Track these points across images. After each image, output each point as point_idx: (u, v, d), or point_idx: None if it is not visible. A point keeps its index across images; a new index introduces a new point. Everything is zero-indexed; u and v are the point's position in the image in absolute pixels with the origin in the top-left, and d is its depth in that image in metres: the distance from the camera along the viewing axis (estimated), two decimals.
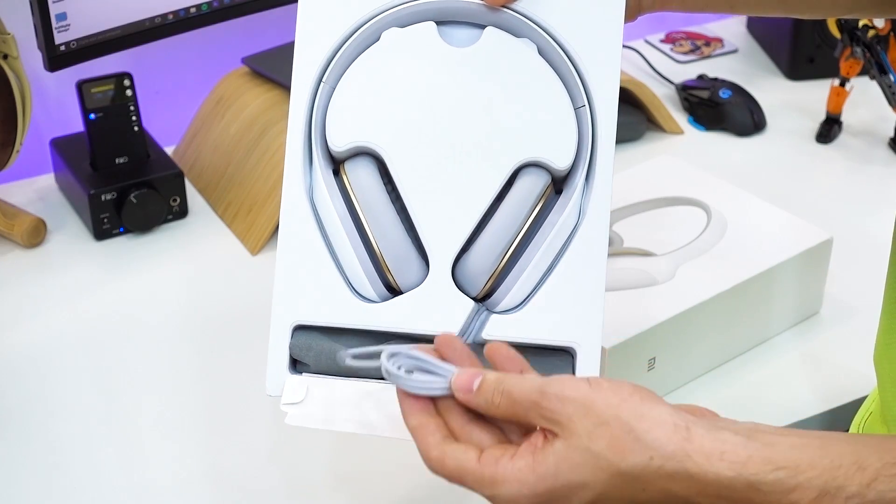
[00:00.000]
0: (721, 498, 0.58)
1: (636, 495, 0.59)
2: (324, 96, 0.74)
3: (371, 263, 0.72)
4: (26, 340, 1.08)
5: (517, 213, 0.72)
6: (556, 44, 0.75)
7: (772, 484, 0.57)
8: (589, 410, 0.59)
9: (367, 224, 0.72)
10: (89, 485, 0.92)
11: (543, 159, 0.73)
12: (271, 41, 1.37)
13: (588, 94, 0.74)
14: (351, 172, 0.73)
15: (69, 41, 1.15)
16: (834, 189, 1.31)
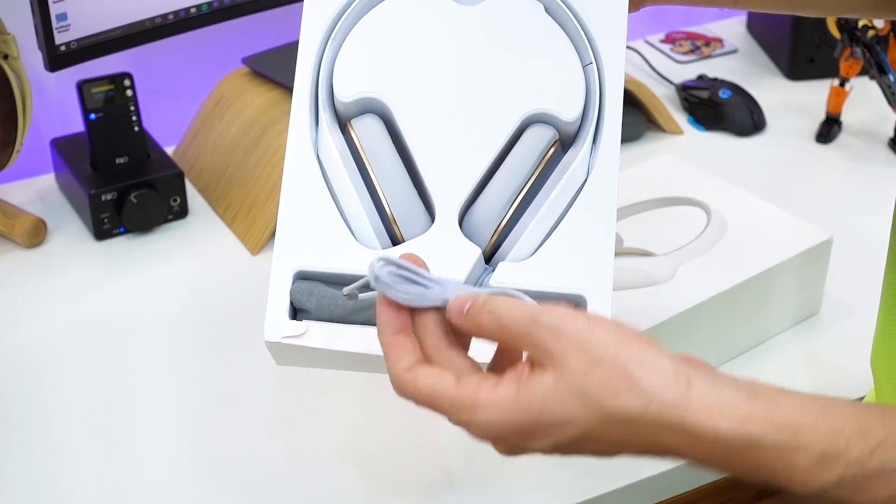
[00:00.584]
0: (715, 454, 0.55)
1: (624, 442, 0.56)
2: (331, 53, 0.74)
3: (377, 214, 0.71)
4: (26, 340, 1.08)
5: (523, 164, 0.71)
6: (562, 2, 0.75)
7: (772, 444, 0.54)
8: (585, 348, 0.56)
9: (373, 175, 0.71)
10: (89, 484, 0.92)
11: (550, 111, 0.73)
12: (271, 41, 1.37)
13: (595, 52, 0.74)
14: (358, 128, 0.72)
15: (69, 41, 1.15)
16: (834, 189, 1.31)
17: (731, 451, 0.55)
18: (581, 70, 0.74)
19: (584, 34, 0.75)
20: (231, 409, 1.00)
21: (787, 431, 0.55)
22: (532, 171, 0.71)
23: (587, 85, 0.74)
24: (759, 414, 0.55)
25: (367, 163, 0.71)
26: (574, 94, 0.73)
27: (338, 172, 0.71)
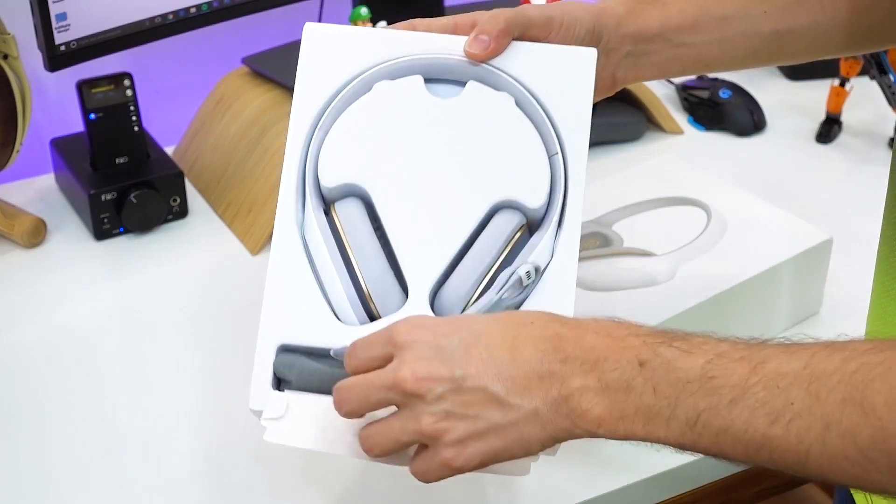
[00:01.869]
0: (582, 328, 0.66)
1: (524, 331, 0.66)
2: (318, 141, 0.80)
3: (355, 292, 0.77)
4: (26, 340, 1.08)
5: (492, 247, 0.77)
6: (531, 97, 0.80)
7: (627, 321, 0.66)
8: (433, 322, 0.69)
9: (353, 257, 0.77)
10: (89, 484, 0.92)
11: (517, 199, 0.78)
12: (271, 41, 1.37)
13: (560, 143, 0.79)
14: (340, 210, 0.79)
15: (69, 41, 1.15)
16: (834, 189, 1.31)
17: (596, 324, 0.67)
18: (547, 160, 0.79)
19: (551, 126, 0.80)
20: (230, 409, 1.00)
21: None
22: (500, 254, 0.77)
23: (552, 174, 0.79)
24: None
25: (347, 244, 0.78)
26: (540, 183, 0.79)
27: (320, 253, 0.77)
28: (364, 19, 1.21)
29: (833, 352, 0.61)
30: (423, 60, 0.81)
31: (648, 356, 0.64)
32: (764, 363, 0.62)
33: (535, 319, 0.67)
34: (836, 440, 0.59)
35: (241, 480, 0.92)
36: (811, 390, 0.60)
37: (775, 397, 0.60)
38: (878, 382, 0.58)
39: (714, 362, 0.62)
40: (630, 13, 0.83)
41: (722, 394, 0.61)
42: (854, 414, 0.58)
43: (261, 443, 0.95)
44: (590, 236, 1.09)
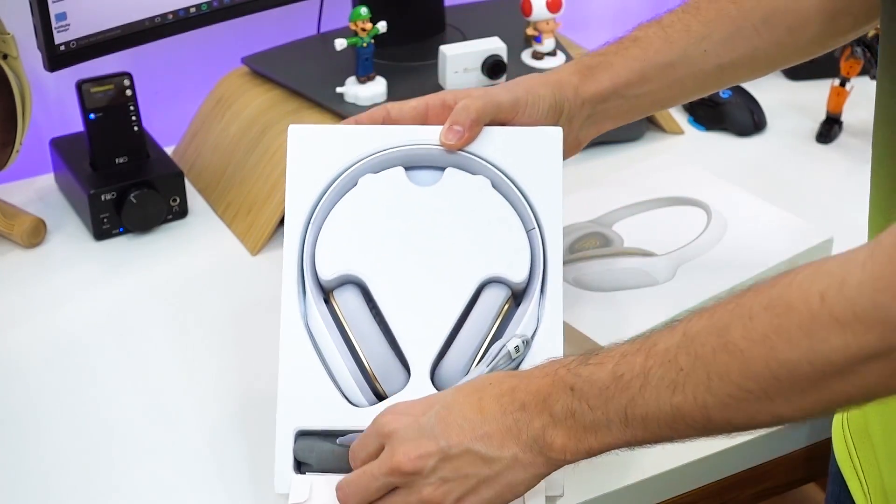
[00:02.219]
0: (529, 375, 0.75)
1: (478, 395, 0.75)
2: (312, 235, 0.87)
3: (361, 375, 0.84)
4: (26, 340, 1.08)
5: (483, 322, 0.85)
6: (506, 178, 0.87)
7: (550, 361, 0.76)
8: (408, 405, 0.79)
9: (356, 342, 0.85)
10: (88, 484, 0.92)
11: (502, 275, 0.86)
12: (271, 41, 1.37)
13: (537, 219, 0.87)
14: (339, 299, 0.86)
15: (69, 41, 1.14)
16: (834, 189, 1.31)
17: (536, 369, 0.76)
18: (525, 235, 0.87)
19: (527, 203, 0.87)
20: (230, 408, 1.00)
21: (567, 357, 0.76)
22: (491, 326, 0.85)
23: (532, 248, 0.86)
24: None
25: (349, 330, 0.85)
26: (521, 258, 0.86)
27: (325, 339, 0.85)
28: (364, 19, 1.21)
29: (702, 314, 0.68)
30: (403, 151, 0.88)
31: (573, 380, 0.72)
32: (654, 345, 0.70)
33: (493, 379, 0.76)
34: (718, 385, 0.66)
35: (240, 481, 0.92)
36: (691, 352, 0.67)
37: (669, 370, 0.68)
38: (735, 321, 0.66)
39: (619, 363, 0.71)
40: (582, 81, 0.90)
41: (632, 385, 0.70)
42: (723, 356, 0.66)
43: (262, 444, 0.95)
44: (590, 236, 1.09)
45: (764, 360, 0.64)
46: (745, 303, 0.66)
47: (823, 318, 0.62)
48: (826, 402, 0.65)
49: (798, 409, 0.66)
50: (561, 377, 0.73)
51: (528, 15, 1.30)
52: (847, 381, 0.63)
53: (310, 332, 0.86)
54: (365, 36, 1.21)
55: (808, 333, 0.62)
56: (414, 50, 1.33)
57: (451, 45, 1.26)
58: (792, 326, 0.63)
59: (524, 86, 0.89)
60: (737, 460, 0.98)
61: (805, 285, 0.63)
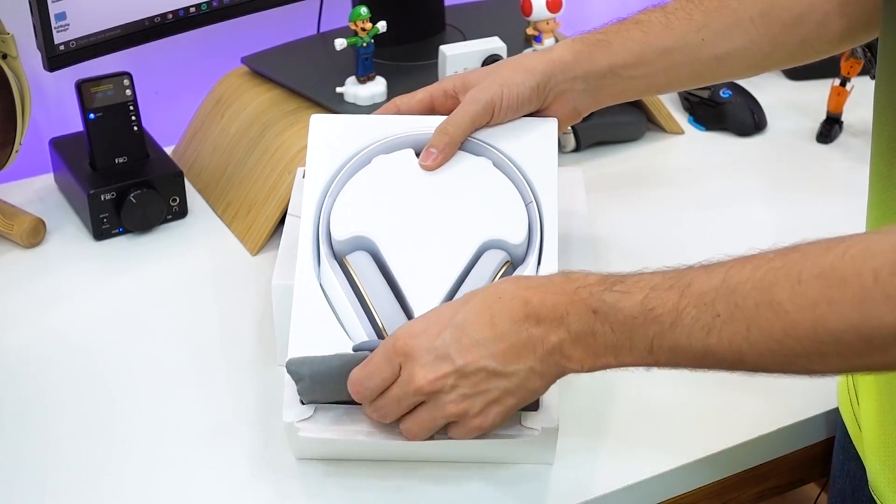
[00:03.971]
0: (543, 288, 0.77)
1: (493, 304, 0.78)
2: (328, 206, 0.94)
3: (372, 328, 0.89)
4: (26, 340, 1.08)
5: (481, 279, 0.90)
6: (506, 158, 0.95)
7: (576, 273, 0.78)
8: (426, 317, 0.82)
9: (367, 297, 0.90)
10: (88, 485, 0.92)
11: (501, 237, 0.92)
12: (271, 41, 1.37)
13: (534, 193, 0.94)
14: (352, 261, 0.92)
15: (68, 41, 1.14)
16: (834, 189, 1.31)
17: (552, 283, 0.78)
18: (524, 206, 0.94)
19: (525, 181, 0.94)
20: (230, 408, 1.00)
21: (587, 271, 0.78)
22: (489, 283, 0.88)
23: (529, 218, 0.93)
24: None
25: (362, 288, 0.90)
26: (519, 223, 0.93)
27: (338, 296, 0.90)
28: (364, 19, 1.21)
29: (744, 264, 0.71)
30: (412, 137, 0.97)
31: (597, 304, 0.75)
32: (689, 286, 0.72)
33: (502, 293, 0.79)
34: (758, 337, 0.69)
35: (241, 480, 0.92)
36: (730, 300, 0.70)
37: (704, 313, 0.71)
38: (782, 282, 0.68)
39: (650, 296, 0.73)
40: (577, 59, 0.95)
41: (663, 320, 0.72)
42: (767, 313, 0.68)
43: (261, 443, 0.95)
44: None
45: (811, 325, 0.67)
46: (793, 265, 0.68)
47: (876, 296, 0.65)
48: (864, 368, 0.70)
49: (834, 369, 0.70)
50: (582, 298, 0.75)
51: (528, 15, 1.30)
52: (889, 354, 0.66)
53: (323, 290, 0.91)
54: (365, 36, 1.21)
55: (860, 308, 0.65)
56: (414, 50, 1.33)
57: (451, 45, 1.26)
58: (844, 299, 0.66)
59: (501, 79, 0.95)
60: (737, 460, 0.98)
61: (858, 261, 0.66)
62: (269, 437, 0.96)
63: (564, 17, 1.32)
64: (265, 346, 1.07)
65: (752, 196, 1.29)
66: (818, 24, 0.95)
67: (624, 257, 1.15)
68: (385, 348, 0.81)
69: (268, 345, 1.07)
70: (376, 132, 0.97)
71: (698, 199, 1.29)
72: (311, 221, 0.94)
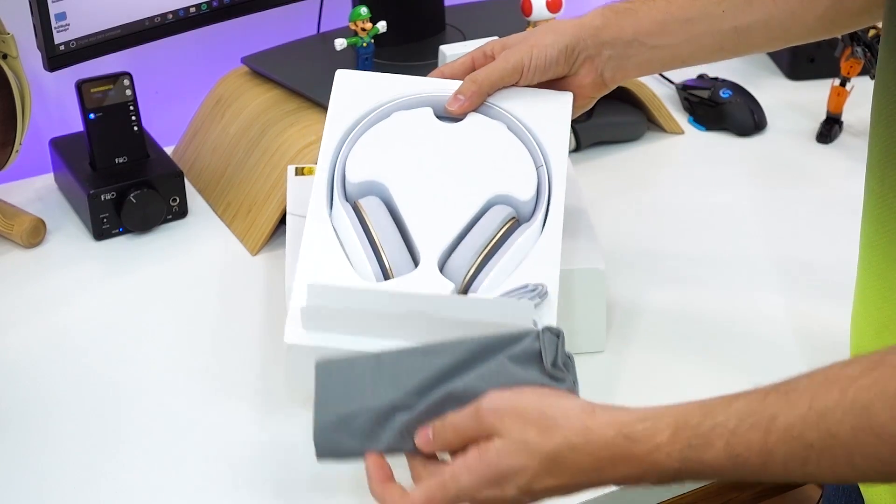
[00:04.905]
0: (613, 457, 0.71)
1: (561, 474, 0.73)
2: (344, 154, 0.97)
3: (379, 267, 0.91)
4: (25, 340, 1.08)
5: (487, 228, 0.92)
6: (520, 124, 0.97)
7: (641, 432, 0.71)
8: (518, 413, 0.74)
9: (377, 238, 0.92)
10: (88, 485, 0.92)
11: (510, 192, 0.94)
12: (271, 41, 1.37)
13: (545, 158, 0.96)
14: (365, 204, 0.94)
15: (69, 41, 1.14)
16: (834, 189, 1.31)
17: (618, 448, 0.71)
18: (534, 168, 0.96)
19: (536, 144, 0.97)
20: (230, 408, 1.00)
21: (651, 420, 0.71)
22: (494, 234, 0.92)
23: (539, 179, 0.95)
24: (633, 416, 0.72)
25: (373, 229, 0.92)
26: (528, 181, 0.95)
27: (348, 235, 0.92)
28: (364, 19, 1.21)
29: (829, 388, 0.66)
30: (431, 97, 0.99)
31: (678, 465, 0.70)
32: (773, 420, 0.67)
33: (567, 461, 0.73)
34: (862, 463, 0.65)
35: (241, 480, 0.92)
36: (822, 429, 0.66)
37: (795, 447, 0.67)
38: (877, 403, 0.64)
39: (732, 442, 0.68)
40: (606, 24, 0.97)
41: (752, 462, 0.68)
42: (868, 438, 0.64)
43: (263, 442, 0.95)
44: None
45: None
46: (885, 382, 0.65)
47: None
48: None
49: None
50: (659, 462, 0.70)
51: (528, 15, 1.30)
52: None
53: (334, 229, 0.93)
54: (365, 36, 1.21)
55: None
56: (414, 50, 1.33)
57: (451, 45, 1.25)
58: None
59: (532, 41, 0.97)
60: None
61: None
62: (269, 436, 0.96)
63: (564, 16, 1.31)
64: (266, 345, 1.07)
65: (752, 196, 1.29)
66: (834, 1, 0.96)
67: (624, 258, 1.15)
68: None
69: (268, 344, 1.07)
70: (398, 90, 0.99)
71: (698, 198, 1.29)
72: (328, 166, 0.96)
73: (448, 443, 0.77)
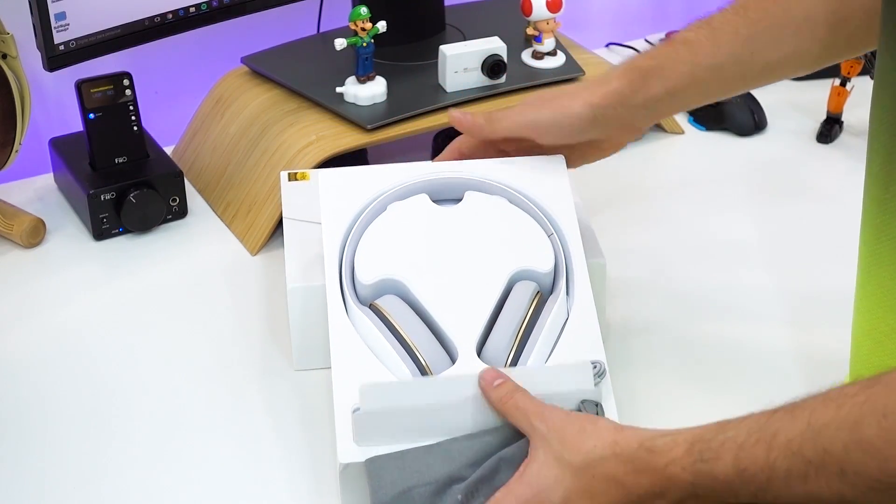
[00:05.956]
0: (636, 469, 0.75)
1: (591, 485, 0.76)
2: (350, 255, 0.94)
3: (414, 365, 0.88)
4: (25, 340, 1.08)
5: (518, 308, 0.90)
6: (521, 196, 0.96)
7: (660, 446, 0.74)
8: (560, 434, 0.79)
9: (407, 337, 0.89)
10: (88, 485, 0.92)
11: (530, 266, 0.93)
12: (271, 41, 1.36)
13: (554, 225, 0.95)
14: (384, 304, 0.91)
15: (68, 41, 1.14)
16: (834, 189, 1.31)
17: (639, 460, 0.75)
18: (547, 237, 0.95)
19: (542, 214, 0.96)
20: (230, 409, 1.00)
21: (671, 436, 0.75)
22: (526, 312, 0.90)
23: (553, 247, 0.94)
24: (656, 433, 0.76)
25: (400, 329, 0.89)
26: (544, 251, 0.94)
27: (375, 339, 0.89)
28: (364, 19, 1.21)
29: (827, 403, 0.69)
30: (423, 182, 0.97)
31: (692, 478, 0.73)
32: (775, 436, 0.70)
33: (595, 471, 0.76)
34: (855, 479, 0.66)
35: (242, 480, 0.92)
36: (818, 445, 0.67)
37: (795, 462, 0.68)
38: (868, 418, 0.66)
39: (739, 456, 0.71)
40: (634, 90, 0.95)
41: (758, 478, 0.70)
42: (857, 454, 0.66)
43: (262, 442, 0.95)
44: None
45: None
46: (877, 399, 0.66)
47: None
48: None
49: None
50: (675, 475, 0.73)
51: (528, 15, 1.30)
52: None
53: (358, 335, 0.90)
54: (365, 36, 1.21)
55: None
56: (414, 50, 1.33)
57: (451, 45, 1.25)
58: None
59: (559, 105, 0.97)
60: None
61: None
62: (270, 435, 0.96)
63: (564, 16, 1.31)
64: (265, 345, 1.07)
65: (752, 196, 1.29)
66: (862, 23, 0.95)
67: (624, 257, 1.15)
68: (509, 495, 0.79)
69: (268, 344, 1.07)
70: (387, 180, 0.97)
71: (698, 198, 1.29)
72: (335, 272, 0.93)
73: (502, 402, 0.82)
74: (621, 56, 1.58)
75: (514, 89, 1.27)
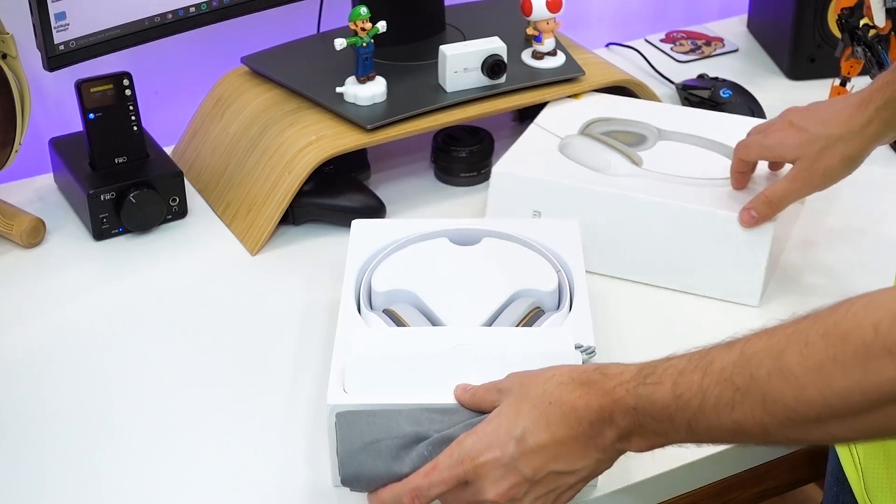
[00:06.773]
0: (590, 389, 0.78)
1: (547, 413, 0.79)
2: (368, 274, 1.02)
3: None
4: (25, 340, 1.08)
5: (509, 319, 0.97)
6: (534, 243, 1.05)
7: (613, 368, 0.79)
8: (523, 375, 0.83)
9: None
10: (87, 484, 0.92)
11: (532, 286, 1.00)
12: (271, 41, 1.36)
13: (562, 264, 1.03)
14: (398, 309, 0.98)
15: (68, 41, 1.14)
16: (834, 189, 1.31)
17: (594, 384, 0.78)
18: (554, 272, 1.02)
19: (552, 255, 1.03)
20: (230, 409, 1.00)
21: (626, 364, 0.79)
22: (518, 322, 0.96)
23: (559, 279, 1.01)
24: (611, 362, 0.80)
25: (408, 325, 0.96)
26: (549, 277, 1.01)
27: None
28: (364, 19, 1.21)
29: (761, 335, 0.71)
30: (446, 230, 1.07)
31: (634, 401, 0.76)
32: (711, 364, 0.72)
33: (550, 397, 0.80)
34: (773, 407, 0.69)
35: (241, 480, 0.92)
36: (746, 372, 0.70)
37: (725, 389, 0.71)
38: (791, 347, 0.68)
39: (678, 381, 0.74)
40: (884, 125, 1.03)
41: (692, 403, 0.73)
42: (777, 380, 0.68)
43: (261, 442, 0.95)
44: (628, 133, 1.23)
45: (818, 387, 0.67)
46: (802, 328, 0.68)
47: (877, 350, 0.64)
48: (879, 426, 0.67)
49: (852, 431, 0.68)
50: (621, 398, 0.77)
51: (528, 15, 1.30)
52: (891, 415, 0.65)
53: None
54: (365, 36, 1.21)
55: (862, 364, 0.65)
56: (414, 50, 1.33)
57: (451, 45, 1.25)
58: (846, 356, 0.65)
59: (824, 167, 1.07)
60: (737, 460, 0.98)
61: (860, 316, 0.65)
62: (270, 435, 0.96)
63: (564, 16, 1.31)
64: (265, 345, 1.07)
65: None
66: None
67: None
68: (450, 463, 0.81)
69: (267, 344, 1.07)
70: (412, 230, 1.07)
71: None
72: (353, 289, 1.00)
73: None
74: (621, 56, 1.58)
75: (514, 89, 1.27)
